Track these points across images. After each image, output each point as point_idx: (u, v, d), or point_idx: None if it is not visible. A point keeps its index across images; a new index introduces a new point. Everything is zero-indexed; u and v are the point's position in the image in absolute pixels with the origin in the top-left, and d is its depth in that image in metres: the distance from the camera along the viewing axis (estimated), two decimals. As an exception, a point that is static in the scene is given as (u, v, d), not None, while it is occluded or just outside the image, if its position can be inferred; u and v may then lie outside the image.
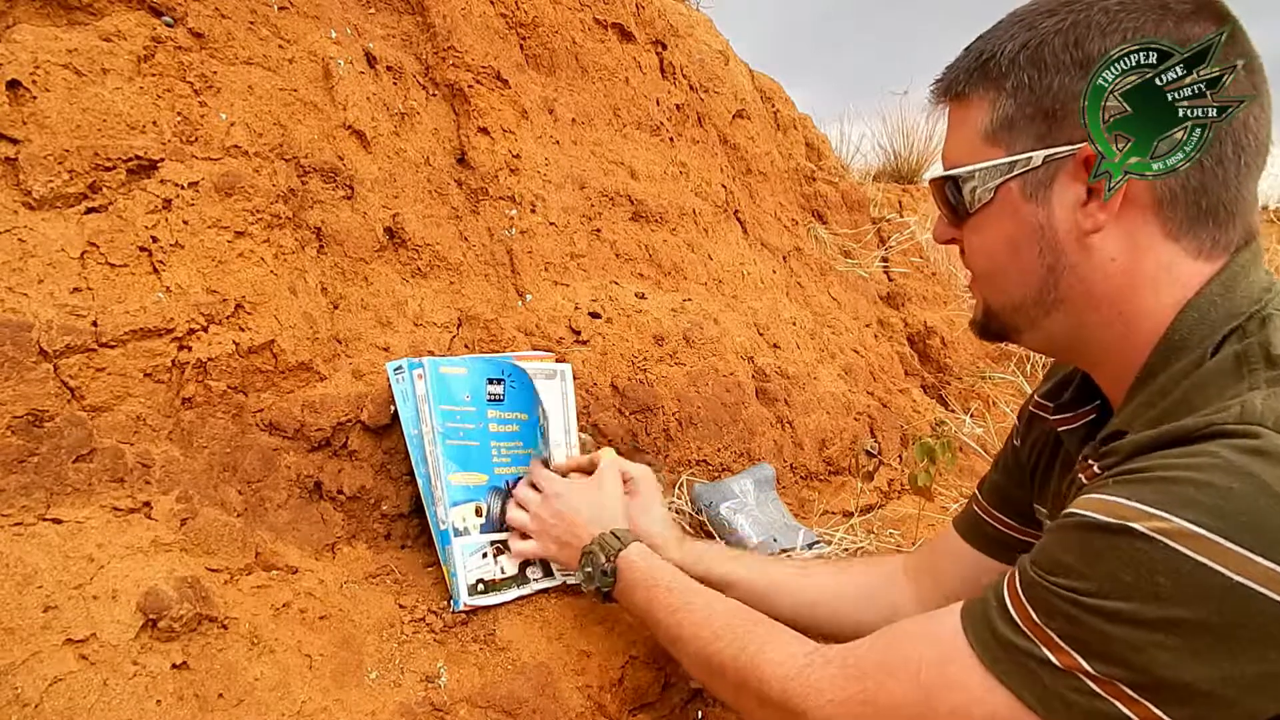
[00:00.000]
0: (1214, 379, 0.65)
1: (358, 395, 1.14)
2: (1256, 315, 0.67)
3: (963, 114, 0.76)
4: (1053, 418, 0.88)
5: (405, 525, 1.16)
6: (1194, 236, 0.69)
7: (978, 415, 2.57)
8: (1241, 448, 0.57)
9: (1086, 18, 0.67)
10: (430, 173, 1.45)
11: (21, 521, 0.83)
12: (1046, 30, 0.69)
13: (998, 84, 0.72)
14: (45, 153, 0.95)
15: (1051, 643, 0.61)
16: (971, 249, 0.80)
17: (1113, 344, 0.74)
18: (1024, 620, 0.63)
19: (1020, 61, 0.70)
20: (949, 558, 1.05)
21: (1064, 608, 0.60)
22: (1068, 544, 0.62)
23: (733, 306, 1.97)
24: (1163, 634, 0.56)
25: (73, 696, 0.73)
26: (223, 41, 1.17)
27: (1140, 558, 0.57)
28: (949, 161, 0.78)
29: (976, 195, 0.75)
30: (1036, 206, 0.72)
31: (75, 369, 0.91)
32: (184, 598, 0.84)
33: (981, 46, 0.74)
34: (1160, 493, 0.58)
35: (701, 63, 2.38)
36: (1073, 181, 0.69)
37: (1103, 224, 0.69)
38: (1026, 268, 0.74)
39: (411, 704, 0.92)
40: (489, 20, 1.66)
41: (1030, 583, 0.64)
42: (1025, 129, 0.71)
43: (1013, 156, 0.71)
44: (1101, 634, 0.58)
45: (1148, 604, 0.56)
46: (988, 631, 0.65)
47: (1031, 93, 0.70)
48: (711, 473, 1.61)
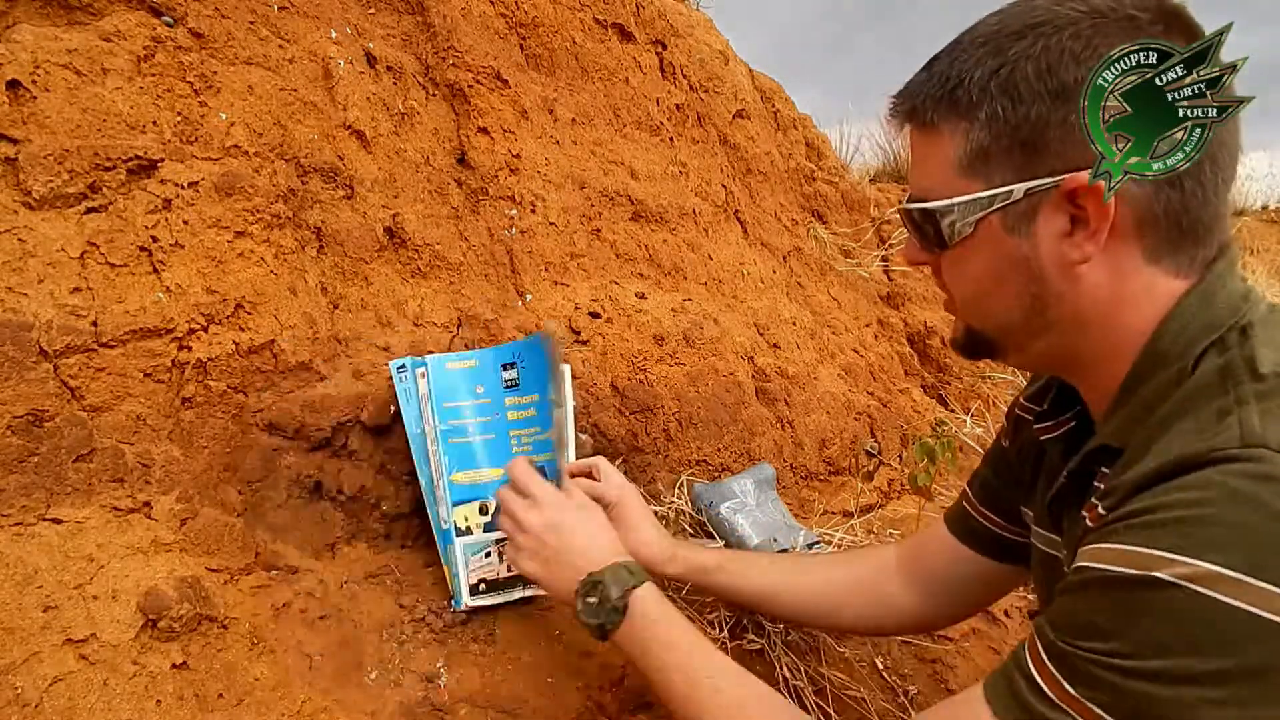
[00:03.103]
0: (1199, 393, 0.64)
1: (358, 395, 1.14)
2: (1235, 326, 0.66)
3: (931, 143, 0.73)
4: (1035, 426, 0.87)
5: (405, 525, 1.16)
6: (1174, 258, 0.69)
7: (978, 415, 2.57)
8: (1246, 473, 0.56)
9: (1058, 44, 0.65)
10: (430, 173, 1.45)
11: (21, 521, 0.83)
12: (1017, 56, 0.66)
13: (969, 114, 0.69)
14: (45, 153, 0.95)
15: (1090, 714, 0.58)
16: (952, 278, 0.78)
17: (1096, 360, 0.73)
18: (1057, 694, 0.60)
19: (992, 90, 0.67)
20: (939, 551, 1.05)
21: (1099, 674, 0.58)
22: (1092, 603, 0.60)
23: (733, 306, 1.97)
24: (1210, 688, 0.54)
25: (73, 696, 0.74)
26: (223, 41, 1.17)
27: (1173, 608, 0.55)
28: (920, 190, 0.75)
29: (956, 229, 0.72)
30: (1020, 240, 0.70)
31: (75, 369, 0.91)
32: (184, 598, 0.84)
33: (946, 70, 0.71)
34: (1177, 535, 0.56)
35: (701, 63, 2.38)
36: (1056, 212, 0.68)
37: (1090, 255, 0.68)
38: (1011, 297, 0.73)
39: (411, 704, 0.92)
40: (489, 20, 1.66)
41: (1060, 653, 0.61)
42: (1002, 161, 0.69)
43: (992, 190, 0.69)
44: (1145, 697, 0.56)
45: (1189, 658, 0.54)
46: (1019, 708, 0.62)
47: (1006, 124, 0.67)
48: (711, 473, 1.61)
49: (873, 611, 1.08)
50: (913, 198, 0.76)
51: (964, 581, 1.04)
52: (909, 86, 0.75)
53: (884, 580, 1.08)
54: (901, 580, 1.07)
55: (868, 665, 1.30)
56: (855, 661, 1.30)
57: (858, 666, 1.30)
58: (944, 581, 1.05)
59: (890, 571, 1.09)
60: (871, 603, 1.08)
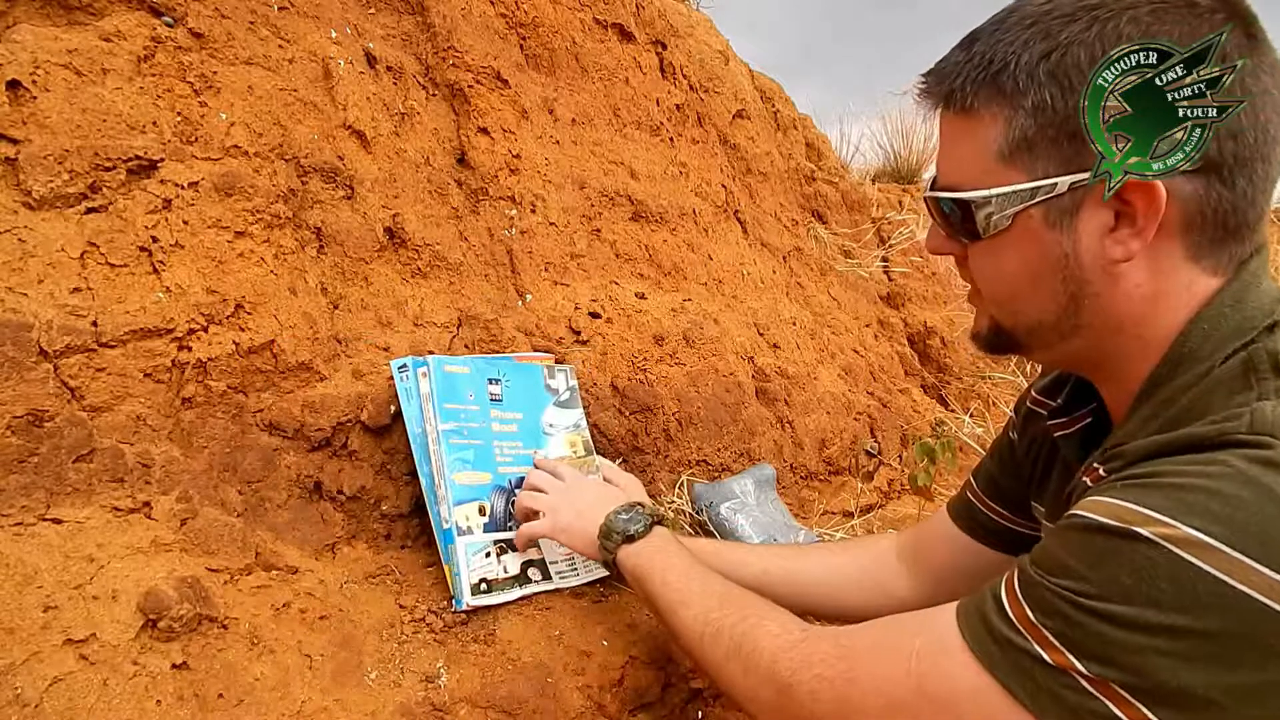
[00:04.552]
0: (1221, 386, 0.64)
1: (358, 395, 1.14)
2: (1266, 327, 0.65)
3: (968, 128, 0.69)
4: (1049, 422, 0.87)
5: (405, 525, 1.16)
6: (1214, 257, 0.67)
7: (978, 415, 2.57)
8: (1252, 457, 0.57)
9: (1115, 29, 0.61)
10: (430, 173, 1.45)
11: (21, 521, 0.83)
12: (1069, 41, 0.63)
13: (1013, 100, 0.65)
14: (45, 153, 0.95)
15: (1046, 641, 0.60)
16: (982, 272, 0.75)
17: (1125, 360, 0.72)
18: (1019, 618, 0.62)
19: (1040, 76, 0.64)
20: (941, 541, 1.05)
21: (1062, 607, 0.60)
22: (1070, 545, 0.62)
23: (733, 306, 1.97)
24: (1162, 639, 0.55)
25: (73, 696, 0.73)
26: (223, 41, 1.17)
27: (1143, 563, 0.56)
28: (952, 178, 0.72)
29: (992, 221, 0.69)
30: (1060, 235, 0.67)
31: (75, 369, 0.91)
32: (184, 598, 0.84)
33: (989, 52, 0.67)
34: (1169, 499, 0.57)
35: (701, 63, 2.38)
36: (1101, 207, 0.65)
37: (1135, 252, 0.65)
38: (1046, 296, 0.71)
39: (411, 704, 0.92)
40: (489, 20, 1.66)
41: (1029, 582, 0.63)
42: (1047, 152, 0.65)
43: (1035, 183, 0.66)
44: (1098, 635, 0.58)
45: (1148, 609, 0.56)
46: (983, 627, 0.65)
47: (1055, 113, 0.64)
48: (711, 473, 1.61)
49: (873, 602, 1.08)
50: (942, 185, 0.73)
51: (966, 573, 1.03)
52: (945, 66, 0.70)
53: (884, 570, 1.08)
54: (901, 571, 1.08)
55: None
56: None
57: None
58: (946, 572, 1.05)
59: (890, 562, 1.09)
60: (872, 593, 1.08)
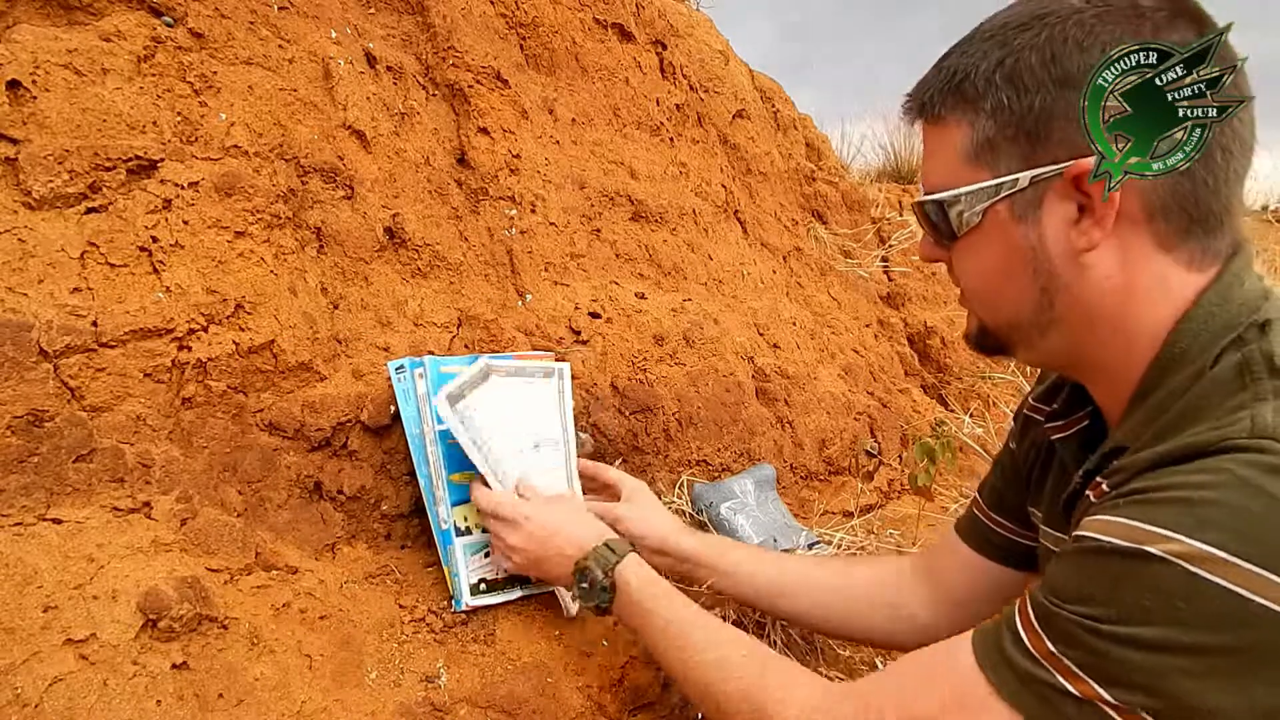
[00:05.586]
0: (1216, 389, 0.64)
1: (358, 395, 1.14)
2: (1254, 324, 0.66)
3: (940, 136, 0.74)
4: (1045, 425, 0.87)
5: (405, 525, 1.16)
6: (1185, 247, 0.68)
7: (978, 415, 2.57)
8: (1253, 463, 0.57)
9: (1062, 32, 0.66)
10: (430, 173, 1.45)
11: (21, 521, 0.83)
12: (1021, 46, 0.67)
13: (974, 105, 0.70)
14: (45, 153, 0.95)
15: (1068, 672, 0.60)
16: (962, 270, 0.79)
17: (1110, 360, 0.73)
18: (1039, 649, 0.62)
19: (996, 81, 0.68)
20: (952, 561, 1.05)
21: (1082, 636, 0.59)
22: (1084, 570, 0.61)
23: (733, 307, 1.97)
24: (1185, 659, 0.55)
25: (73, 696, 0.73)
26: (223, 41, 1.17)
27: (1159, 582, 0.56)
28: (931, 184, 0.76)
29: (964, 219, 0.73)
30: (1027, 228, 0.70)
31: (75, 369, 0.91)
32: (184, 598, 0.84)
33: (954, 65, 0.72)
34: (1175, 514, 0.57)
35: (701, 63, 2.38)
36: (1062, 200, 0.68)
37: (1097, 241, 0.68)
38: (1020, 289, 0.73)
39: (411, 704, 0.92)
40: (489, 20, 1.66)
41: (1045, 612, 0.62)
42: (1008, 150, 0.69)
43: (998, 179, 0.70)
44: (1121, 661, 0.57)
45: (1170, 629, 0.55)
46: (1004, 663, 0.64)
47: (1011, 113, 0.68)
48: (711, 473, 1.61)
49: (887, 625, 1.07)
50: (925, 192, 0.77)
51: (979, 591, 1.03)
52: (920, 83, 0.76)
53: (899, 592, 1.07)
54: (916, 592, 1.06)
55: (868, 666, 1.30)
56: (856, 662, 1.30)
57: (858, 667, 1.30)
58: (959, 592, 1.04)
59: (903, 583, 1.07)
60: (883, 613, 1.07)
